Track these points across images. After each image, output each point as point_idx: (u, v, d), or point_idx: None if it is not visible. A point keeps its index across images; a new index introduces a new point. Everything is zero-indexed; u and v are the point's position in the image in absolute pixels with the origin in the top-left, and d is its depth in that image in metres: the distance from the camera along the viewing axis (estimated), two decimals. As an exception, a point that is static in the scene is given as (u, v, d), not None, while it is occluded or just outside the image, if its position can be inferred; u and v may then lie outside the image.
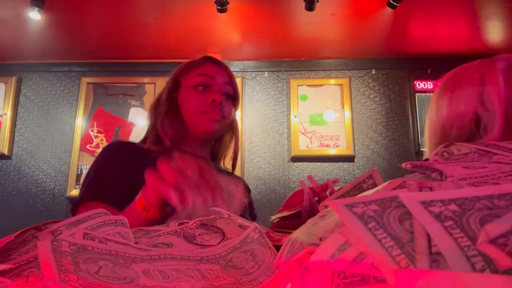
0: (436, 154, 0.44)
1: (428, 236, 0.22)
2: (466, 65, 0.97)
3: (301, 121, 2.79)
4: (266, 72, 2.90)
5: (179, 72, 1.11)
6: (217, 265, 0.37)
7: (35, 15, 2.31)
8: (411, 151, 2.77)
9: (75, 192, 2.68)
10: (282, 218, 0.92)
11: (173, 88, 1.09)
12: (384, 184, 0.35)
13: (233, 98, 1.09)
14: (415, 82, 2.83)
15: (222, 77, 1.08)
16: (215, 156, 1.16)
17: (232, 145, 1.16)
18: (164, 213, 0.72)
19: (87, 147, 2.78)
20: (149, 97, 2.88)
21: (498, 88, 0.89)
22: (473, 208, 0.23)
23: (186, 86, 1.07)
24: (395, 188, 0.32)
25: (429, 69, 2.86)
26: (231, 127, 1.15)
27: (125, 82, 2.91)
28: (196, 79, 1.06)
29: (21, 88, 2.92)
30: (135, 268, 0.33)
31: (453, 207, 0.23)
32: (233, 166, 1.16)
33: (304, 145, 2.74)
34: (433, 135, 0.99)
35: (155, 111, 1.09)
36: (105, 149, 1.02)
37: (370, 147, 2.77)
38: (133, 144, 1.08)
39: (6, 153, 2.75)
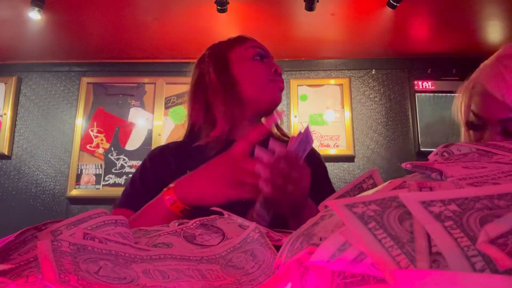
0: (436, 154, 0.44)
1: (428, 236, 0.22)
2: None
3: (301, 121, 2.79)
4: (266, 72, 2.90)
5: (223, 48, 1.05)
6: (217, 265, 0.37)
7: (35, 15, 2.31)
8: (411, 151, 2.77)
9: (75, 192, 2.68)
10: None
11: (222, 66, 1.02)
12: (384, 184, 0.35)
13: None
14: (415, 82, 2.83)
15: (268, 51, 1.04)
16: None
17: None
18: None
19: (87, 147, 2.78)
20: (149, 97, 2.88)
21: (461, 100, 0.91)
22: (473, 208, 0.23)
23: (241, 59, 1.01)
24: (395, 188, 0.32)
25: (429, 69, 2.86)
26: None
27: (125, 82, 2.91)
28: (251, 51, 1.01)
29: (21, 88, 2.92)
30: (135, 268, 0.33)
31: (453, 207, 0.23)
32: (281, 132, 1.09)
33: (304, 145, 2.74)
34: None
35: (206, 96, 1.01)
36: (147, 155, 1.00)
37: (370, 147, 2.77)
38: (177, 145, 1.01)
39: (6, 153, 2.75)
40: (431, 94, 2.81)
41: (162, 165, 0.96)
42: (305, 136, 0.73)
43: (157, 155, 0.99)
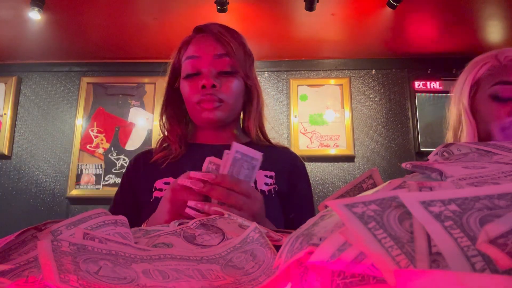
0: (436, 154, 0.44)
1: (428, 236, 0.22)
2: (470, 62, 0.97)
3: (301, 121, 2.79)
4: (266, 72, 2.90)
5: (175, 58, 0.99)
6: (217, 265, 0.37)
7: (35, 15, 2.30)
8: (411, 151, 2.76)
9: (75, 192, 2.68)
10: None
11: (173, 77, 0.99)
12: (384, 184, 0.35)
13: (232, 71, 0.91)
14: (415, 82, 2.83)
15: (212, 50, 0.90)
16: (247, 129, 1.00)
17: (254, 114, 0.99)
18: None
19: (87, 147, 2.78)
20: (149, 97, 2.88)
21: (468, 94, 0.89)
22: (473, 208, 0.23)
23: (182, 75, 0.95)
24: (395, 188, 0.32)
25: (429, 69, 2.86)
26: (249, 95, 0.98)
27: (125, 82, 2.91)
28: (185, 66, 0.93)
29: (21, 88, 2.92)
30: (135, 268, 0.33)
31: (453, 207, 0.23)
32: (264, 137, 1.01)
33: (304, 145, 2.74)
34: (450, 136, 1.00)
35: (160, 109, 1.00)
36: (128, 164, 1.01)
37: (370, 147, 2.77)
38: (151, 152, 0.99)
39: (6, 153, 2.75)
40: (431, 94, 2.80)
41: (133, 174, 0.96)
42: (237, 154, 0.65)
43: (131, 164, 0.99)
